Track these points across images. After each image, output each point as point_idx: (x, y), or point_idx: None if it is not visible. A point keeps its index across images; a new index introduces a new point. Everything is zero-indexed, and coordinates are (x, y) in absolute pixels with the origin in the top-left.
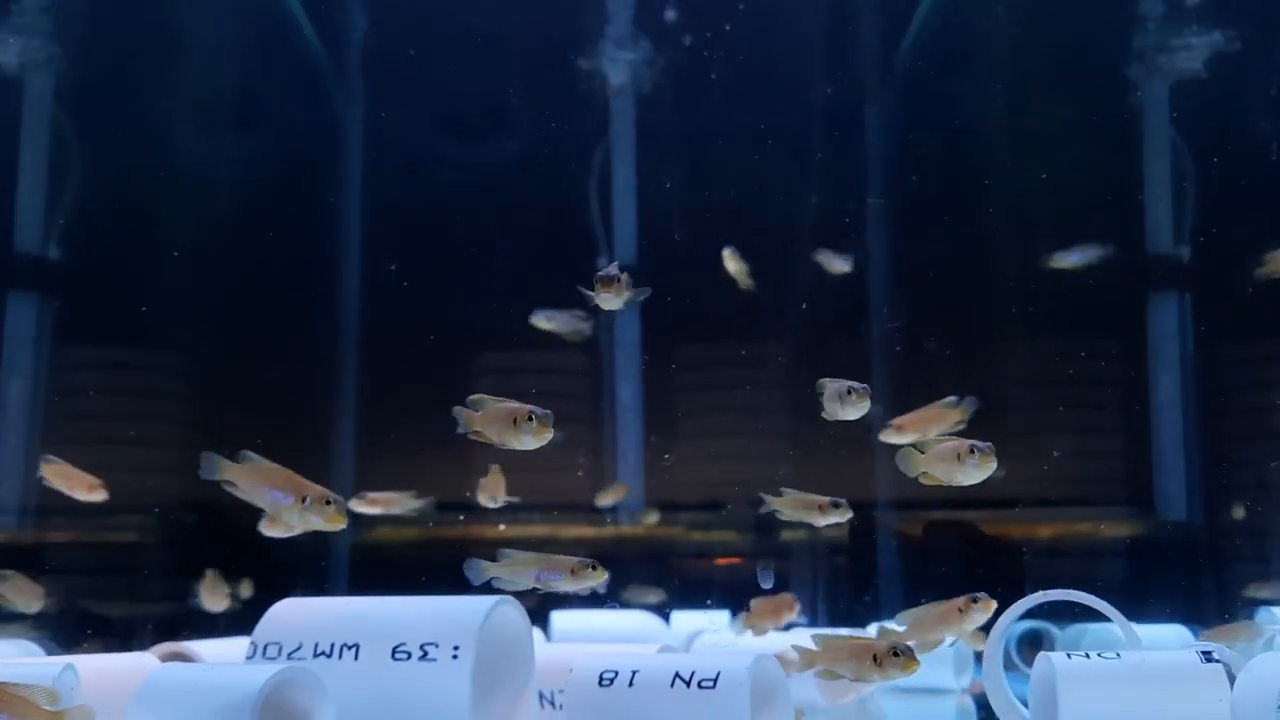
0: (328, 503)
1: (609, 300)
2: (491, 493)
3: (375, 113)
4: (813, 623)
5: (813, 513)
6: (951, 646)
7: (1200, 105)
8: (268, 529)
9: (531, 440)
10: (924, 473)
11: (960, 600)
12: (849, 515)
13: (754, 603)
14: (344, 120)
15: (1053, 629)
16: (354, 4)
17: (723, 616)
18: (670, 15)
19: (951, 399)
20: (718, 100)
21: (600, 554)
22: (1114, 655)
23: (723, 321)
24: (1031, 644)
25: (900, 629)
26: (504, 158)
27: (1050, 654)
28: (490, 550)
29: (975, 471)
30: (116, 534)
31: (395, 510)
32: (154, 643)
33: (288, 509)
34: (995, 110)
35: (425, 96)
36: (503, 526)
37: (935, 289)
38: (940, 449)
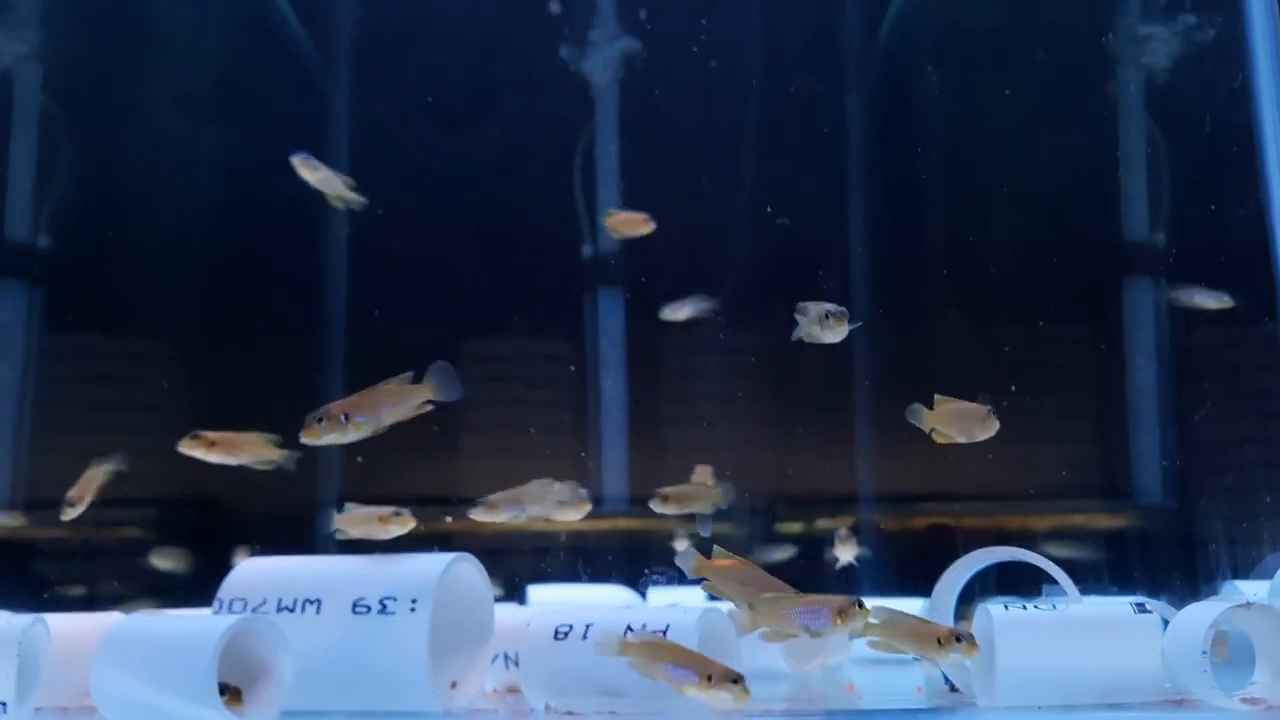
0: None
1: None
2: None
3: (361, 101)
4: None
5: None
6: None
7: (1175, 92)
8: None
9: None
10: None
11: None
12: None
13: None
14: (330, 109)
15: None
16: None
17: (697, 592)
18: (655, 7)
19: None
20: (700, 90)
21: (592, 545)
22: (1050, 607)
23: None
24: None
25: None
26: (490, 146)
27: (989, 606)
28: (486, 541)
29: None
30: (108, 522)
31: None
32: None
33: None
34: (973, 97)
35: (411, 85)
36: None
37: (917, 276)
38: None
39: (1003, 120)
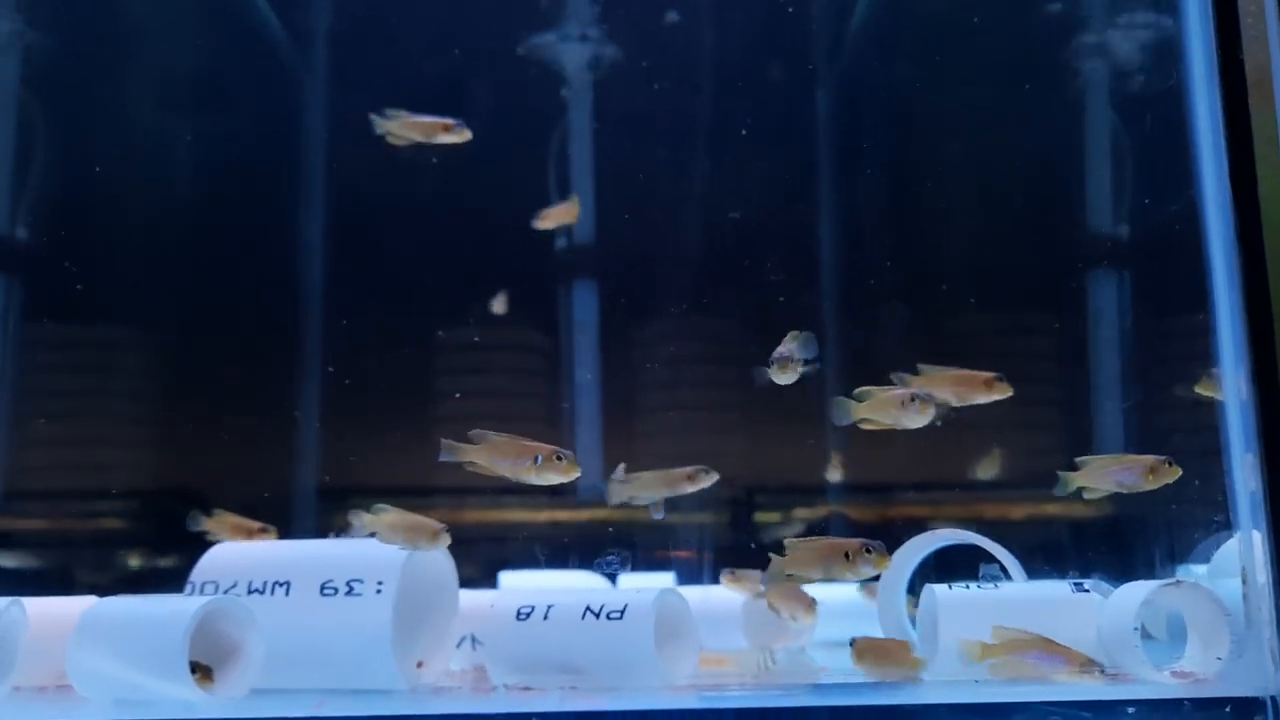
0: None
1: None
2: None
3: (338, 93)
4: None
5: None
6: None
7: (1140, 88)
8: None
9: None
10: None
11: (853, 543)
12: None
13: None
14: (306, 103)
15: None
16: None
17: (669, 577)
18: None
19: None
20: (673, 84)
21: (571, 536)
22: (992, 587)
23: (679, 298)
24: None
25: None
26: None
27: (933, 586)
28: (466, 530)
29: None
30: (87, 511)
31: None
32: None
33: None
34: (941, 91)
35: (387, 79)
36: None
37: (886, 266)
38: (884, 397)
39: (970, 113)
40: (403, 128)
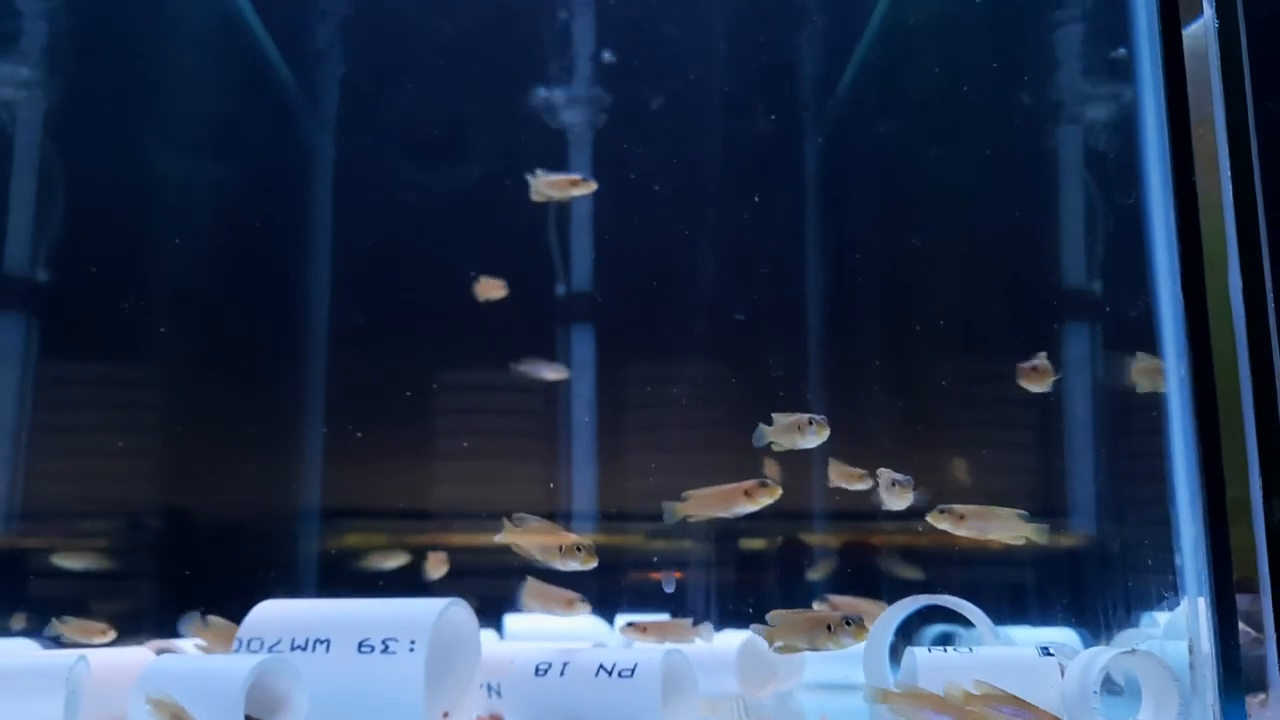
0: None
1: None
2: None
3: (345, 140)
4: None
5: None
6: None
7: (1111, 150)
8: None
9: None
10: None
11: (834, 617)
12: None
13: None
14: (315, 148)
15: (960, 632)
16: (327, 38)
17: (663, 618)
18: (627, 55)
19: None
20: (670, 135)
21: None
22: (968, 650)
23: (671, 342)
24: (943, 646)
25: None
26: (468, 185)
27: (914, 649)
28: (456, 555)
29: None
30: (99, 540)
31: None
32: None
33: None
34: (923, 149)
35: (393, 125)
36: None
37: (867, 316)
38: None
39: (953, 174)
40: (545, 185)
